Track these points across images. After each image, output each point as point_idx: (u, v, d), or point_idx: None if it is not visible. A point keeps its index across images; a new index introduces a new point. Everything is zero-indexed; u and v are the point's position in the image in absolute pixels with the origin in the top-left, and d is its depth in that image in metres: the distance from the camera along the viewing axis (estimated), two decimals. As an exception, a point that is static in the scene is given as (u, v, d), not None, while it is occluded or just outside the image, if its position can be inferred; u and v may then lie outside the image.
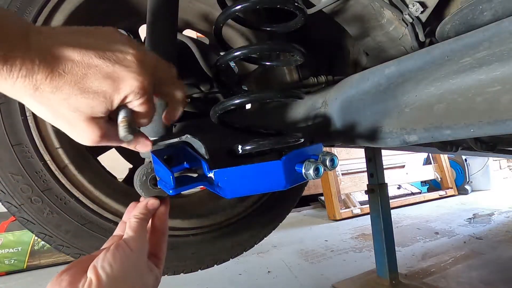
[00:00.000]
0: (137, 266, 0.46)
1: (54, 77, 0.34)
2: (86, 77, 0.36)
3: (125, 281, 0.43)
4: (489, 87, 0.48)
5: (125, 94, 0.38)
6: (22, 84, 0.33)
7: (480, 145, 0.96)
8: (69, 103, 0.36)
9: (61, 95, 0.35)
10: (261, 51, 0.61)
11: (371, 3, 0.68)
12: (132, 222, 0.49)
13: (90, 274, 0.41)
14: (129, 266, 0.44)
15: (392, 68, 0.58)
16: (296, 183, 0.53)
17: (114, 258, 0.43)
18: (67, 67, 0.35)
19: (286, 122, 0.80)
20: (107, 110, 0.39)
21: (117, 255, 0.44)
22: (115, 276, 0.42)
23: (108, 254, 0.43)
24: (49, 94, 0.35)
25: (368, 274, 1.80)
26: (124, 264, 0.43)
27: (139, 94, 0.39)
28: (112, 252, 0.44)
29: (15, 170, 0.73)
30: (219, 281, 1.83)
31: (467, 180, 4.27)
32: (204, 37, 1.11)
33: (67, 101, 0.36)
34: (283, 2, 0.58)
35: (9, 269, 2.11)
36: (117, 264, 0.43)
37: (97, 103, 0.37)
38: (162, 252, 0.55)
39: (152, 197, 0.55)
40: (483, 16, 0.51)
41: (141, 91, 0.39)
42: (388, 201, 1.73)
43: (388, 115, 0.62)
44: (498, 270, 1.81)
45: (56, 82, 0.34)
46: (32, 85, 0.34)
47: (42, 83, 0.34)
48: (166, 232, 0.56)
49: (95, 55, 0.36)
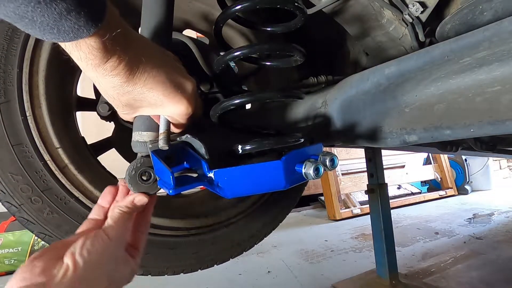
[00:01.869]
0: (114, 256, 0.47)
1: (129, 80, 0.42)
2: (151, 90, 0.44)
3: (101, 269, 0.43)
4: (489, 87, 0.48)
5: (174, 113, 0.48)
6: (110, 77, 0.40)
7: (480, 145, 0.96)
8: (122, 98, 0.44)
9: (126, 91, 0.43)
10: (261, 51, 0.60)
11: (371, 3, 0.68)
12: (115, 213, 0.50)
13: (67, 260, 0.41)
14: (106, 255, 0.45)
15: (392, 68, 0.58)
16: (296, 183, 0.53)
17: (93, 246, 0.43)
18: (141, 79, 0.43)
19: (286, 122, 0.80)
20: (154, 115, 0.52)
21: (96, 243, 0.44)
22: (92, 263, 0.42)
23: (88, 241, 0.43)
24: (117, 87, 0.42)
25: (368, 274, 1.80)
26: (101, 253, 0.44)
27: (185, 116, 0.50)
28: (91, 240, 0.44)
29: (15, 170, 0.73)
30: (219, 281, 1.83)
31: (467, 180, 4.27)
32: (204, 37, 1.11)
33: (126, 96, 0.44)
34: (283, 2, 0.58)
35: (9, 269, 2.11)
36: (94, 252, 0.43)
37: (147, 110, 0.48)
38: (141, 244, 0.56)
39: (141, 193, 0.54)
40: (483, 16, 0.51)
41: (186, 116, 0.50)
42: (388, 201, 1.73)
43: (388, 115, 0.62)
44: (498, 270, 1.81)
45: (132, 84, 0.42)
46: (118, 77, 0.41)
47: (120, 79, 0.41)
48: (148, 225, 0.58)
49: (165, 74, 0.45)
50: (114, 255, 0.47)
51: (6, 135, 0.72)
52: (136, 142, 0.55)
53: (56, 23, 0.31)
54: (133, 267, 0.51)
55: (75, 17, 0.31)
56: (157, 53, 0.46)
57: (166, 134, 0.51)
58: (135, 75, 0.41)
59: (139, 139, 0.55)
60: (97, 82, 0.42)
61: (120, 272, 0.48)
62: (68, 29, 0.32)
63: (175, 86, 0.46)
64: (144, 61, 0.42)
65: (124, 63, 0.39)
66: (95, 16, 0.33)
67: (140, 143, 0.55)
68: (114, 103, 0.46)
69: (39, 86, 0.76)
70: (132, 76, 0.41)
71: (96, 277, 0.43)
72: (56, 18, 0.31)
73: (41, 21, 0.31)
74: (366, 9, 0.69)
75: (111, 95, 0.44)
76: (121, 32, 0.38)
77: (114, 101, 0.45)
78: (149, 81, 0.43)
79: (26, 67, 0.74)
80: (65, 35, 0.33)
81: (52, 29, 0.32)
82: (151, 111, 0.49)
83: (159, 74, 0.44)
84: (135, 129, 0.56)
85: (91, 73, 0.40)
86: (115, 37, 0.37)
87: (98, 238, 0.44)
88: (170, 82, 0.45)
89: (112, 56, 0.38)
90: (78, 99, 0.95)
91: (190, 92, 0.48)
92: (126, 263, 0.50)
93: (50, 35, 0.32)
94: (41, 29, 0.32)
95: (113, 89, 0.42)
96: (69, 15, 0.31)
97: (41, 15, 0.30)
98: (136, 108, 0.47)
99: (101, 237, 0.45)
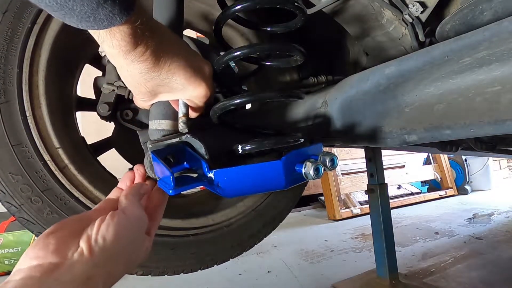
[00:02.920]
0: (132, 238, 0.45)
1: (155, 65, 0.44)
2: (174, 74, 0.47)
3: (118, 253, 0.42)
4: (489, 87, 0.48)
5: (194, 96, 0.51)
6: (139, 64, 0.43)
7: (480, 145, 0.96)
8: (148, 84, 0.47)
9: (152, 77, 0.46)
10: (261, 51, 0.60)
11: (371, 3, 0.68)
12: (127, 191, 0.51)
13: (82, 243, 0.40)
14: (124, 238, 0.43)
15: (392, 68, 0.58)
16: (296, 183, 0.53)
17: (108, 230, 0.42)
18: (166, 65, 0.45)
19: (286, 122, 0.80)
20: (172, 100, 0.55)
21: (111, 227, 0.42)
22: (108, 249, 0.41)
23: (103, 226, 0.42)
24: (144, 73, 0.45)
25: (368, 274, 1.80)
26: (119, 236, 0.42)
27: (204, 99, 0.52)
28: (107, 223, 0.43)
29: (15, 170, 0.73)
30: (219, 281, 1.83)
31: (467, 180, 4.26)
32: (204, 37, 1.11)
33: (152, 82, 0.47)
34: (283, 2, 0.58)
35: (9, 269, 2.10)
36: (110, 236, 0.42)
37: (167, 96, 0.51)
38: (158, 217, 0.56)
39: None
40: (483, 16, 0.51)
41: (205, 98, 0.52)
42: (388, 201, 1.73)
43: (388, 115, 0.62)
44: (498, 270, 1.81)
45: (158, 69, 0.45)
46: (146, 63, 0.43)
47: (148, 65, 0.44)
48: (166, 199, 0.59)
49: (185, 59, 0.47)
50: (131, 237, 0.45)
51: (6, 135, 0.72)
52: (155, 130, 0.58)
53: (93, 12, 0.33)
54: (147, 246, 0.50)
55: (110, 5, 0.34)
56: (176, 40, 0.48)
57: (185, 118, 0.54)
58: (160, 60, 0.44)
59: (157, 127, 0.58)
60: (125, 70, 0.44)
61: (136, 253, 0.47)
62: (104, 17, 0.34)
63: (195, 70, 0.49)
64: (167, 47, 0.45)
65: (152, 49, 0.42)
66: (128, 4, 0.36)
67: (158, 131, 0.58)
68: (138, 89, 0.48)
69: (39, 86, 0.76)
70: (157, 61, 0.44)
71: (112, 261, 0.41)
72: (94, 7, 0.33)
73: (80, 10, 0.33)
74: (366, 9, 0.69)
75: (137, 81, 0.46)
76: (148, 19, 0.41)
77: (140, 87, 0.48)
78: (172, 66, 0.46)
79: (26, 67, 0.74)
80: (99, 23, 0.35)
81: (89, 17, 0.34)
82: (170, 96, 0.52)
83: (180, 59, 0.46)
84: (153, 118, 0.58)
85: (121, 60, 0.42)
86: (144, 23, 0.39)
87: (114, 219, 0.43)
88: (190, 67, 0.48)
89: (141, 42, 0.40)
90: (78, 99, 0.95)
91: (208, 75, 0.51)
92: (143, 242, 0.49)
93: (86, 23, 0.35)
94: (79, 17, 0.34)
95: (141, 75, 0.45)
96: (105, 3, 0.33)
97: (80, 4, 0.32)
98: (156, 94, 0.50)
99: (118, 217, 0.44)
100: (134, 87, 0.48)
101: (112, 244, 0.41)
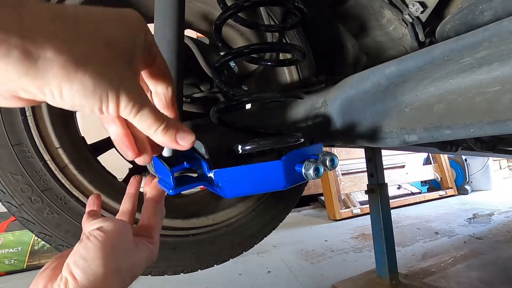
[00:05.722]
0: (117, 248, 0.43)
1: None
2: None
3: (106, 268, 0.40)
4: (489, 87, 0.48)
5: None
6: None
7: (480, 145, 0.96)
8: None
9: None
10: (261, 51, 0.60)
11: (371, 3, 0.68)
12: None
13: (64, 273, 0.39)
14: (106, 251, 0.41)
15: (392, 68, 0.58)
16: (296, 183, 0.53)
17: (87, 250, 0.40)
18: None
19: (286, 122, 0.80)
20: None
21: (89, 245, 0.40)
22: (91, 268, 0.39)
23: (80, 246, 0.40)
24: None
25: (368, 274, 1.80)
26: (99, 252, 0.40)
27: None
28: (84, 243, 0.41)
29: (15, 170, 0.73)
30: (219, 281, 1.83)
31: (467, 180, 4.26)
32: (204, 37, 1.11)
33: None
34: (283, 2, 0.58)
35: (9, 269, 2.11)
36: (91, 254, 0.40)
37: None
38: (156, 220, 0.54)
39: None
40: (483, 16, 0.51)
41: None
42: (388, 201, 1.73)
43: (388, 115, 0.62)
44: (498, 270, 1.81)
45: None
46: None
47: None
48: (162, 200, 0.56)
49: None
50: (116, 247, 0.42)
51: (6, 135, 0.72)
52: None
53: None
54: (149, 247, 0.49)
55: None
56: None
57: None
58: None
59: None
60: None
61: (130, 261, 0.44)
62: None
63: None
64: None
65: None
66: None
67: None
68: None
69: (39, 86, 0.76)
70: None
71: (102, 276, 0.40)
72: None
73: None
74: (366, 9, 0.69)
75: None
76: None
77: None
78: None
79: (26, 67, 0.74)
80: None
81: None
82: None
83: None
84: None
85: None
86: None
87: (90, 238, 0.41)
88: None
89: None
90: (78, 99, 0.95)
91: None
92: (137, 248, 0.46)
93: None
94: None
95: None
96: None
97: None
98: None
99: (93, 236, 0.42)
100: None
101: (94, 261, 0.40)
